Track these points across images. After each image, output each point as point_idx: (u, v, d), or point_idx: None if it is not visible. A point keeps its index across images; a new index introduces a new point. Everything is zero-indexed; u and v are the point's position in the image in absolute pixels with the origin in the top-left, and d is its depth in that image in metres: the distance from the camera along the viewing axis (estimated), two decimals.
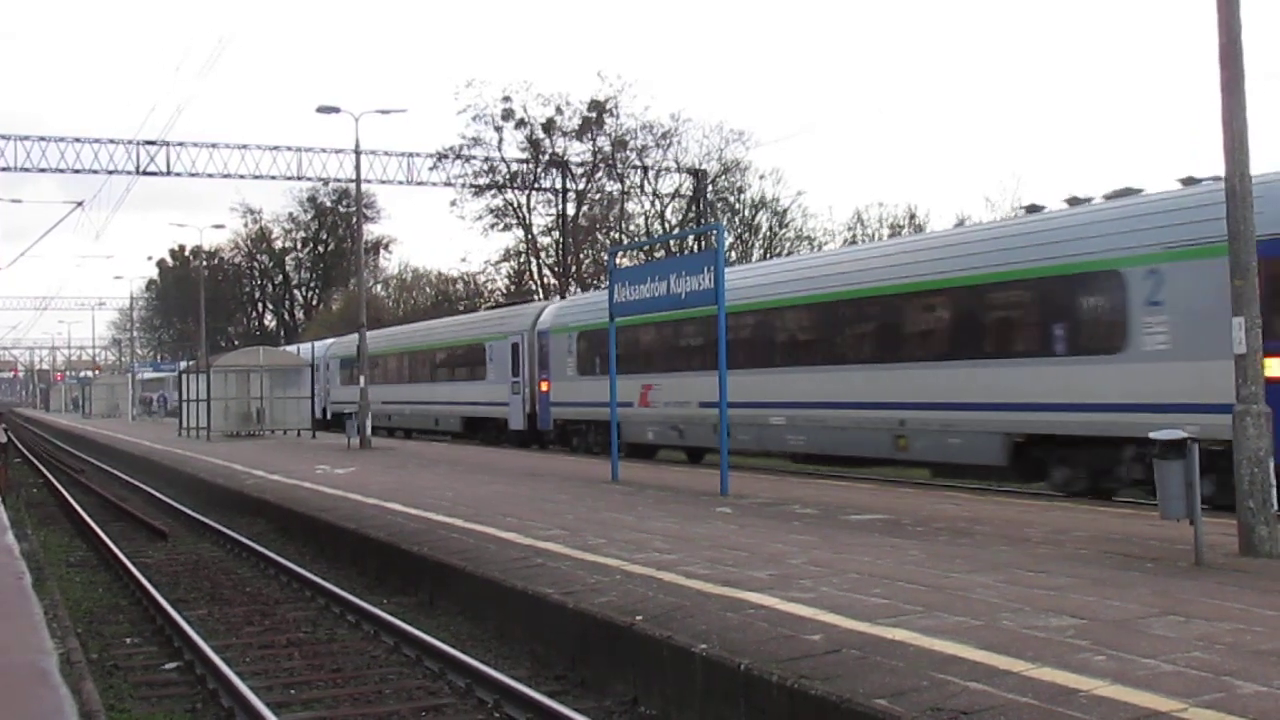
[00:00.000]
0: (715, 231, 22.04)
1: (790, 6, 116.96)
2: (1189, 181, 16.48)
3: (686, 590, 9.94)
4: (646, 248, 52.95)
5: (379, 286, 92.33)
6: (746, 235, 59.77)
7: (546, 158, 59.74)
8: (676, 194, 59.84)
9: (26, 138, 50.04)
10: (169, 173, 52.03)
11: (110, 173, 51.07)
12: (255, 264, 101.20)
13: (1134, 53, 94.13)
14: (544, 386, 33.56)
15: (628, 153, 58.58)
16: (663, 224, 59.20)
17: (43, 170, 50.30)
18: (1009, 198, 56.87)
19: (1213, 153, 13.54)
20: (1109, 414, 16.54)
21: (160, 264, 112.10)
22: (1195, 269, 15.34)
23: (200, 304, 66.42)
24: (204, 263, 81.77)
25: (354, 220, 61.31)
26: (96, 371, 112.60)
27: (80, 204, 45.05)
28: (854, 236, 57.80)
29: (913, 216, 58.46)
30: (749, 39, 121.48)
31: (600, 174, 59.82)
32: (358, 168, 40.16)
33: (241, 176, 54.41)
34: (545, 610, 10.41)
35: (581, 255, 61.47)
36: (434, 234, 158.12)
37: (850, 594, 9.51)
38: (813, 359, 22.77)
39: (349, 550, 15.86)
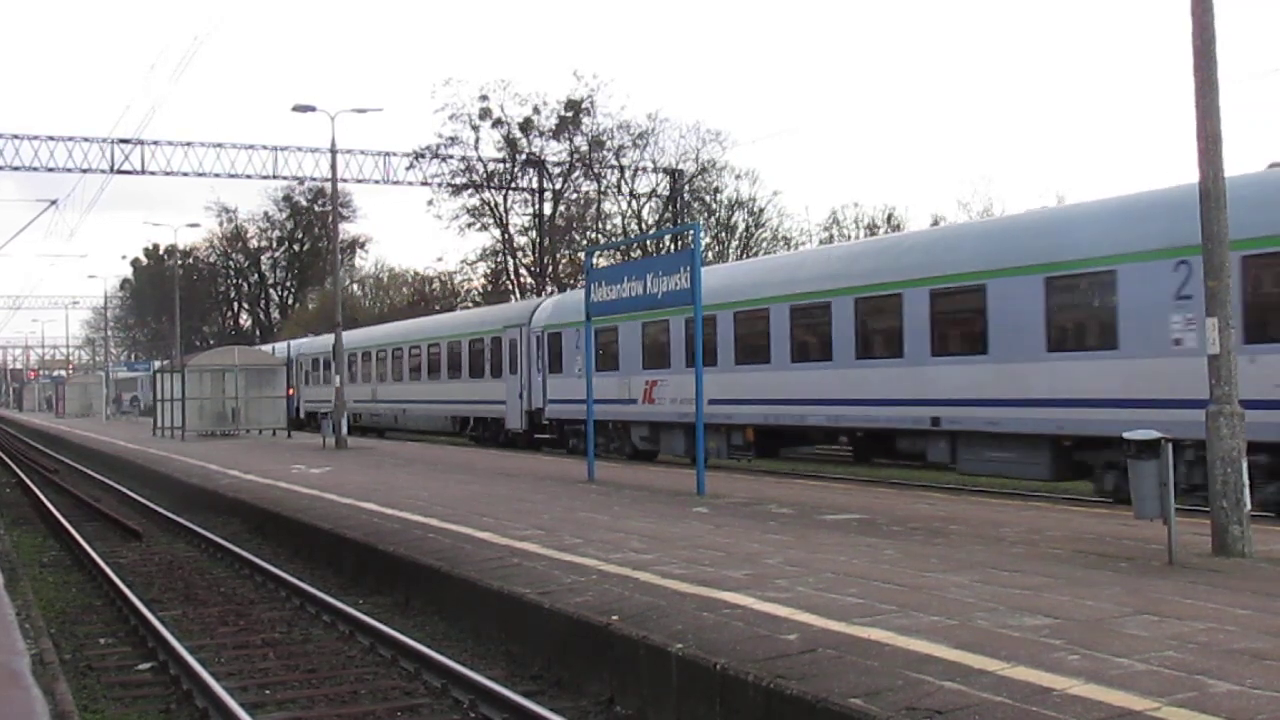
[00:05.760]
0: (692, 231, 22.00)
1: (767, 8, 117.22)
2: None
3: (663, 590, 9.94)
4: (623, 247, 52.93)
5: (355, 286, 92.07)
6: (723, 235, 59.86)
7: (523, 157, 59.68)
8: (653, 194, 59.90)
9: None
10: (143, 171, 51.88)
11: (84, 171, 50.85)
12: (230, 263, 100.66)
13: (1107, 54, 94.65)
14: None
15: (604, 153, 58.58)
16: (639, 224, 59.19)
17: (16, 169, 50.04)
18: (980, 199, 57.27)
19: (1187, 153, 13.52)
20: None
21: (134, 263, 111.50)
22: None
23: (175, 303, 66.09)
24: (179, 262, 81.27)
25: (330, 219, 61.10)
26: (70, 370, 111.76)
27: (54, 203, 44.89)
28: (830, 237, 57.97)
29: (890, 217, 58.69)
30: (725, 40, 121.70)
31: (577, 174, 59.82)
32: (333, 167, 40.08)
33: (217, 175, 54.33)
34: (521, 610, 10.39)
35: (558, 255, 61.42)
36: (410, 233, 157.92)
37: (826, 593, 9.53)
38: None
39: (325, 550, 15.80)
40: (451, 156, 58.82)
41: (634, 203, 59.99)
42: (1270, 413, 14.53)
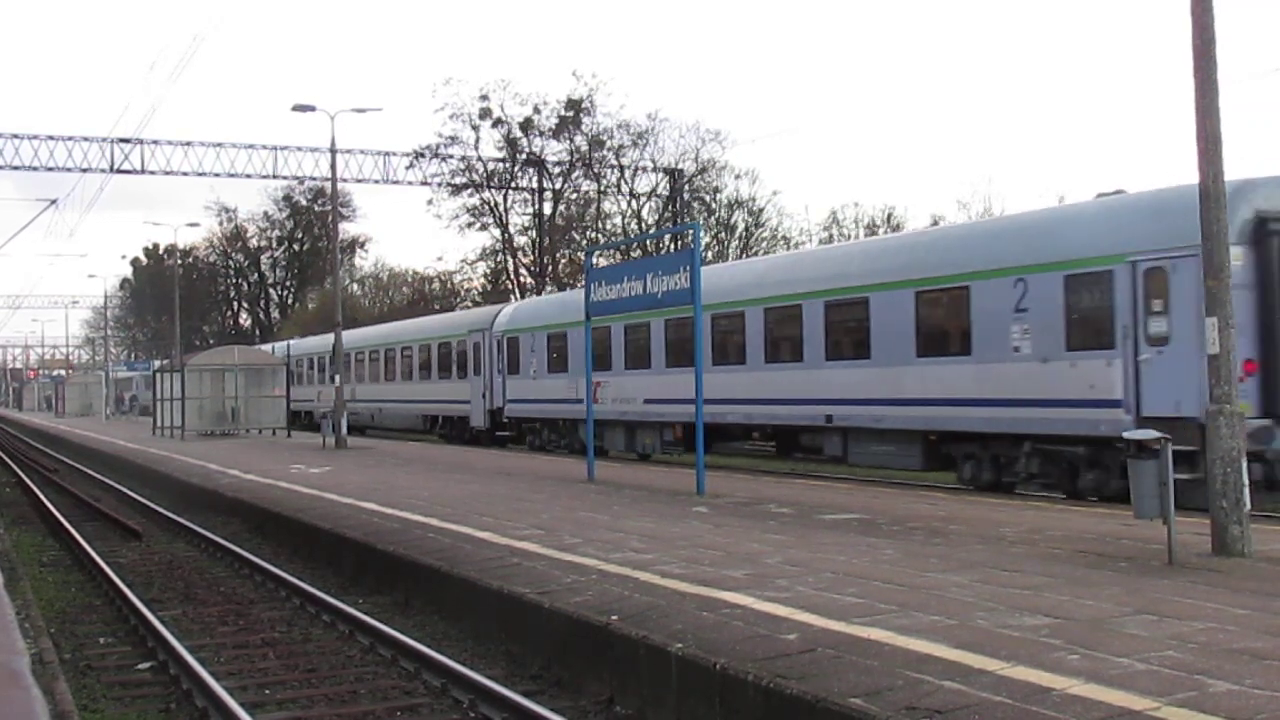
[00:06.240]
0: (692, 231, 22.06)
1: (766, 8, 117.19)
2: None
3: (663, 590, 9.94)
4: (623, 247, 52.92)
5: (354, 285, 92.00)
6: (723, 235, 59.82)
7: (523, 157, 59.66)
8: (653, 193, 59.86)
9: None
10: (143, 171, 51.83)
11: (84, 170, 50.81)
12: (230, 263, 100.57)
13: (1107, 53, 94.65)
14: None
15: (604, 152, 58.57)
16: (639, 223, 59.17)
17: (16, 168, 49.99)
18: (980, 199, 57.26)
19: (1186, 153, 13.62)
20: None
21: (134, 263, 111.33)
22: None
23: (175, 303, 66.07)
24: (179, 261, 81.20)
25: (330, 219, 61.10)
26: (70, 370, 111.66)
27: (54, 202, 44.87)
28: (830, 236, 57.95)
29: (890, 216, 58.66)
30: (725, 40, 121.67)
31: (577, 173, 59.79)
32: (333, 166, 40.07)
33: (216, 175, 54.29)
34: (521, 610, 10.39)
35: (558, 255, 61.39)
36: (410, 233, 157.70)
37: (826, 593, 9.53)
38: None
39: (324, 550, 15.80)
40: (451, 156, 58.82)
41: (634, 202, 60.01)
42: (1086, 410, 16.60)
